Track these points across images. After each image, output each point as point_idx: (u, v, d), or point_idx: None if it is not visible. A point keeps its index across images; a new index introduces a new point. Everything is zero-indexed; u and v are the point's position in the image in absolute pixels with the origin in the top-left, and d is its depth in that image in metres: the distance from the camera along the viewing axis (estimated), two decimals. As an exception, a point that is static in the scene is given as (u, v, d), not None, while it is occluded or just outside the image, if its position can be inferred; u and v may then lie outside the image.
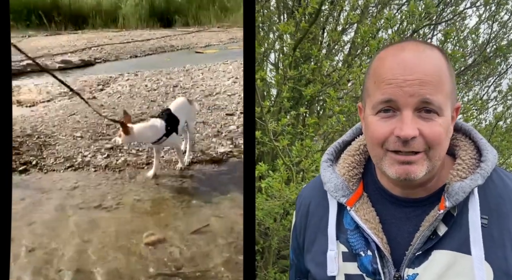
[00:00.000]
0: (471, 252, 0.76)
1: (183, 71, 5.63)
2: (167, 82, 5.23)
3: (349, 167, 0.91)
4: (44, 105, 4.50)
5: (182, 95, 4.78)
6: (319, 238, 0.91)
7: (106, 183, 3.35)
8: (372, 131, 0.81)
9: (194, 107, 3.70)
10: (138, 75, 5.54)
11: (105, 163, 3.56)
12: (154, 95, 4.85)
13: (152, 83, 5.22)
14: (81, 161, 3.57)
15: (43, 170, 3.44)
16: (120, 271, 2.42)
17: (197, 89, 4.91)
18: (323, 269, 0.87)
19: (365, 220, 0.84)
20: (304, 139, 2.24)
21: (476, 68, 2.88)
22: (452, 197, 0.78)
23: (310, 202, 0.96)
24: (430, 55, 0.79)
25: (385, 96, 0.78)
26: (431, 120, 0.77)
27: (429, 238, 0.80)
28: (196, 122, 4.09)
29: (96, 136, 3.94)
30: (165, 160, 3.60)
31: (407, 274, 0.80)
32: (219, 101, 4.55)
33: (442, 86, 0.78)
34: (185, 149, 3.59)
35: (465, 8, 2.78)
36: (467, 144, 0.86)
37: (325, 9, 2.65)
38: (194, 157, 3.60)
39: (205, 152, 3.66)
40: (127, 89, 5.02)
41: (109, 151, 3.73)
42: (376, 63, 0.83)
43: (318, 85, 2.37)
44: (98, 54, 6.18)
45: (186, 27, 7.77)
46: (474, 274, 0.75)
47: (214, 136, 3.91)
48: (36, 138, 3.84)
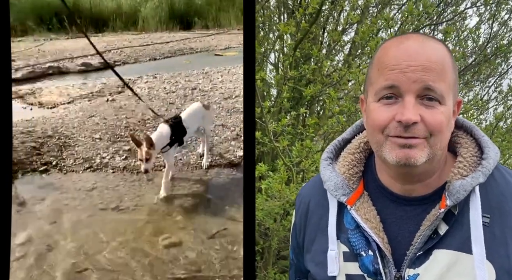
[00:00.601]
0: (472, 251, 0.75)
1: (202, 73, 5.62)
2: (186, 84, 5.23)
3: (349, 166, 0.89)
4: (65, 107, 4.54)
5: (201, 98, 4.76)
6: (319, 238, 0.90)
7: (124, 184, 3.35)
8: (374, 117, 0.80)
9: (211, 111, 3.66)
10: (157, 77, 5.57)
11: (123, 164, 3.56)
12: (173, 97, 4.85)
13: (170, 85, 5.23)
14: (100, 163, 3.58)
15: (63, 170, 3.46)
16: (137, 273, 2.40)
17: (216, 91, 4.88)
18: (323, 269, 0.86)
19: (365, 220, 0.83)
20: (304, 139, 2.23)
21: (476, 68, 2.85)
22: (453, 196, 0.76)
23: (309, 201, 0.95)
24: (434, 45, 0.79)
25: (388, 81, 0.77)
26: (433, 107, 0.76)
27: (430, 237, 0.78)
28: (214, 125, 4.06)
29: (115, 138, 3.95)
30: (182, 162, 3.57)
31: (408, 274, 0.79)
32: (239, 104, 4.51)
33: (445, 75, 0.77)
34: (203, 152, 3.57)
35: (465, 8, 2.76)
36: (468, 141, 0.85)
37: (326, 9, 2.65)
38: (213, 161, 3.56)
39: (223, 155, 3.62)
40: (146, 92, 5.03)
41: (127, 153, 3.73)
42: (381, 52, 0.83)
43: (318, 85, 2.36)
44: (117, 56, 6.24)
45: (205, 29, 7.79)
46: (476, 274, 0.74)
47: (233, 139, 3.87)
48: (56, 139, 3.87)
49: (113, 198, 3.15)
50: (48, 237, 2.66)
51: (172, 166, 3.23)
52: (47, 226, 2.80)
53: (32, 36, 6.80)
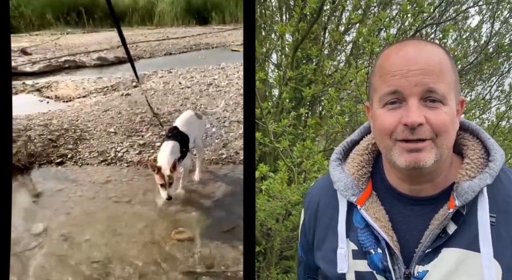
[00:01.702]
0: (480, 250, 0.77)
1: (218, 69, 5.59)
2: (201, 80, 5.21)
3: (358, 167, 0.92)
4: (80, 100, 4.57)
5: (216, 93, 4.73)
6: (329, 236, 0.92)
7: (138, 178, 3.34)
8: (380, 123, 0.82)
9: (203, 121, 3.42)
10: (172, 72, 5.56)
11: (137, 158, 3.54)
12: (188, 92, 4.83)
13: (186, 80, 5.21)
14: (114, 156, 3.58)
15: (78, 163, 3.47)
16: (149, 266, 2.40)
17: (232, 87, 4.85)
18: (334, 267, 0.88)
19: (375, 219, 0.85)
20: (305, 140, 2.22)
21: (478, 68, 2.83)
22: (462, 196, 0.79)
23: (319, 201, 0.97)
24: (431, 49, 0.83)
25: (390, 87, 0.80)
26: (436, 108, 0.79)
27: (439, 236, 0.81)
28: (230, 121, 4.03)
29: (129, 132, 3.95)
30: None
31: (417, 271, 0.81)
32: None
33: (444, 76, 0.80)
34: (195, 164, 3.31)
35: (467, 7, 2.74)
36: (475, 143, 0.87)
37: (327, 9, 2.62)
38: (228, 156, 3.52)
39: (238, 152, 3.58)
40: (161, 86, 5.02)
41: (142, 147, 3.72)
42: (381, 60, 0.86)
43: (319, 85, 2.35)
44: (133, 51, 6.25)
45: (222, 24, 7.76)
46: (483, 272, 0.76)
47: (248, 135, 3.83)
48: (72, 132, 3.89)
49: (127, 192, 3.14)
50: (63, 228, 2.67)
51: (187, 174, 3.09)
52: (62, 217, 2.80)
53: (49, 30, 6.87)
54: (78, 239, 2.60)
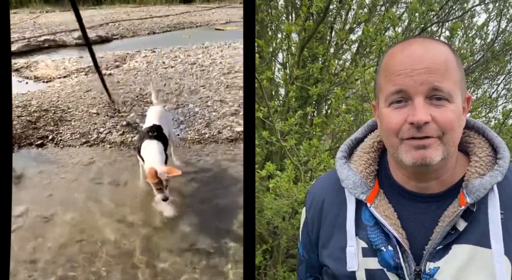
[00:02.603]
0: (490, 245, 0.78)
1: (202, 48, 5.52)
2: (185, 59, 5.14)
3: (366, 164, 0.92)
4: (61, 81, 4.47)
5: (200, 73, 4.68)
6: (336, 235, 0.92)
7: (122, 159, 3.33)
8: (387, 122, 0.82)
9: (169, 114, 3.41)
10: (155, 52, 5.47)
11: (120, 139, 3.52)
12: (171, 72, 4.77)
13: (169, 60, 5.14)
14: (97, 137, 3.54)
15: (59, 145, 3.43)
16: (133, 246, 2.42)
17: (216, 67, 4.80)
18: (342, 265, 0.88)
19: (385, 216, 0.85)
20: (311, 138, 2.23)
21: (485, 66, 2.83)
22: (473, 194, 0.79)
23: (323, 199, 0.96)
24: (436, 47, 0.82)
25: (396, 86, 0.80)
26: (442, 106, 0.78)
27: (449, 233, 0.81)
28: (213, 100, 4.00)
29: (112, 113, 3.90)
30: (180, 137, 3.53)
31: (429, 267, 0.81)
32: (238, 79, 4.44)
33: (450, 74, 0.80)
34: (170, 153, 3.20)
35: (473, 6, 2.74)
36: (481, 141, 0.87)
37: (333, 8, 2.61)
38: (210, 135, 3.52)
39: (221, 131, 3.57)
40: (144, 66, 4.95)
41: (125, 128, 3.69)
42: (386, 59, 0.86)
43: (326, 84, 2.35)
44: (115, 30, 6.12)
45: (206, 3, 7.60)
46: (495, 268, 0.77)
47: (232, 114, 3.82)
48: (52, 113, 3.83)
49: (110, 173, 3.13)
50: (44, 210, 2.66)
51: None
52: (43, 199, 2.79)
53: (28, 8, 6.65)
54: (60, 220, 2.60)
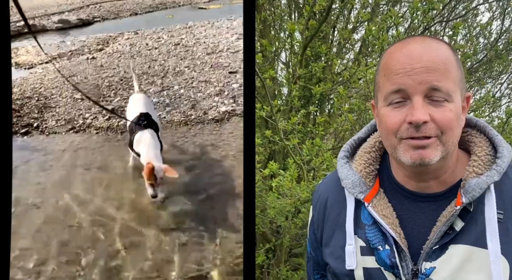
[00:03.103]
0: (487, 246, 0.77)
1: (186, 28, 5.43)
2: (168, 40, 5.06)
3: (366, 164, 0.92)
4: (43, 66, 4.40)
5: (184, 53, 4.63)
6: (337, 233, 0.93)
7: (109, 145, 3.33)
8: (385, 121, 0.82)
9: (151, 100, 3.32)
10: (138, 33, 5.37)
11: (106, 125, 3.51)
12: (155, 54, 4.71)
13: (153, 41, 5.06)
14: (83, 123, 3.52)
15: (45, 132, 3.41)
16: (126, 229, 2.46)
17: (200, 46, 4.75)
18: (342, 263, 0.89)
19: (382, 216, 0.86)
20: (314, 137, 2.23)
21: (488, 65, 2.83)
22: (469, 193, 0.79)
23: (327, 198, 0.98)
24: (435, 46, 0.82)
25: (395, 86, 0.80)
26: (441, 106, 0.78)
27: (446, 233, 0.81)
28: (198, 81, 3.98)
29: (97, 97, 3.87)
30: (166, 120, 3.53)
31: (425, 267, 0.82)
32: (222, 59, 4.41)
33: (449, 73, 0.79)
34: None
35: (477, 5, 2.72)
36: (482, 140, 0.87)
37: (336, 8, 2.60)
38: (196, 116, 3.53)
39: (207, 111, 3.58)
40: (127, 48, 4.87)
41: (110, 113, 3.67)
42: (385, 58, 0.85)
43: (328, 84, 2.33)
44: (96, 12, 5.98)
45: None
46: (491, 268, 0.76)
47: (216, 95, 3.81)
48: (36, 101, 3.78)
49: (98, 158, 3.14)
50: (34, 198, 2.68)
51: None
52: (32, 187, 2.80)
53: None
54: (51, 207, 2.62)
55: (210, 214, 2.57)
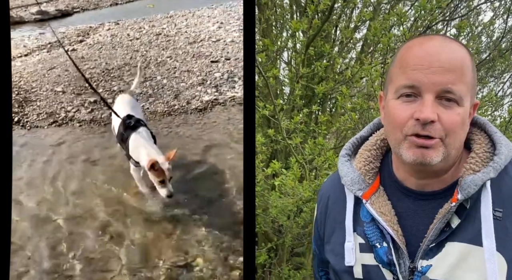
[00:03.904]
0: (483, 244, 0.77)
1: (167, 17, 5.38)
2: (150, 30, 5.02)
3: (366, 162, 0.92)
4: (22, 60, 4.33)
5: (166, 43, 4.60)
6: (337, 230, 0.93)
7: (93, 137, 3.32)
8: (393, 114, 0.82)
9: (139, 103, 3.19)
10: (119, 24, 5.30)
11: (89, 117, 3.50)
12: (137, 44, 4.67)
13: (134, 31, 5.01)
14: (65, 116, 3.50)
15: (26, 126, 3.38)
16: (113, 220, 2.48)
17: (181, 36, 4.72)
18: (341, 260, 0.90)
19: (380, 213, 0.86)
20: (317, 137, 2.25)
21: (491, 64, 2.83)
22: (464, 190, 0.79)
23: (329, 196, 0.99)
24: (455, 48, 0.81)
25: (409, 81, 0.79)
26: (450, 108, 0.78)
27: (443, 230, 0.81)
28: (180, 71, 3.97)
29: (79, 90, 3.84)
30: (150, 111, 3.54)
31: (421, 265, 0.82)
32: (204, 48, 4.39)
33: (464, 77, 0.79)
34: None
35: (479, 4, 2.71)
36: (481, 137, 0.86)
37: (338, 7, 2.60)
38: (180, 106, 3.54)
39: (190, 101, 3.59)
40: (108, 39, 4.82)
41: (93, 105, 3.65)
42: (403, 51, 0.85)
43: (331, 83, 2.33)
44: (75, 3, 5.87)
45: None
46: (486, 266, 0.76)
47: (199, 84, 3.82)
48: (16, 94, 3.73)
49: (82, 151, 3.13)
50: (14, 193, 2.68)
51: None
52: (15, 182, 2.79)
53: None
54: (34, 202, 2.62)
55: (195, 201, 2.61)
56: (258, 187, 2.13)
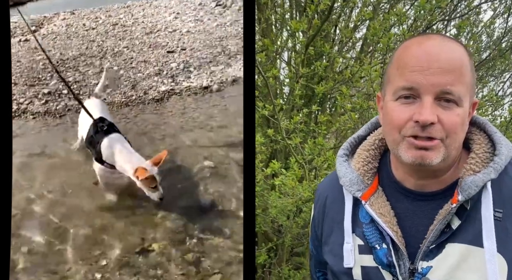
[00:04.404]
0: (483, 245, 0.77)
1: (124, 7, 5.30)
2: (106, 20, 4.93)
3: (364, 162, 0.91)
4: (-31, 50, 4.18)
5: (123, 33, 4.56)
6: (335, 231, 0.93)
7: (48, 129, 3.28)
8: (392, 116, 0.81)
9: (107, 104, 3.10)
10: (75, 13, 5.17)
11: (43, 109, 3.45)
12: (93, 34, 4.59)
13: (90, 21, 4.91)
14: (17, 109, 3.44)
15: (-24, 120, 3.30)
16: (73, 209, 2.48)
17: (138, 26, 4.67)
18: (340, 261, 0.89)
19: (379, 214, 0.85)
20: (316, 136, 2.24)
21: (491, 63, 2.83)
22: (465, 191, 0.78)
23: (327, 196, 0.98)
24: (454, 47, 0.80)
25: (407, 83, 0.79)
26: (450, 109, 0.78)
27: (443, 232, 0.81)
28: (137, 61, 3.97)
29: (32, 81, 3.76)
30: (107, 102, 3.53)
31: (421, 266, 0.81)
32: (161, 39, 4.38)
33: (463, 78, 0.78)
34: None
35: (480, 3, 2.72)
36: (481, 137, 0.86)
37: (338, 6, 2.59)
38: (137, 97, 3.55)
39: (147, 91, 3.60)
40: (64, 30, 4.70)
41: (47, 96, 3.59)
42: (401, 51, 0.84)
43: (330, 82, 2.33)
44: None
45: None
46: (486, 267, 0.76)
47: (156, 75, 3.83)
48: (-35, 87, 3.62)
49: (37, 145, 3.09)
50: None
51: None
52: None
53: None
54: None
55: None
56: (257, 187, 2.11)
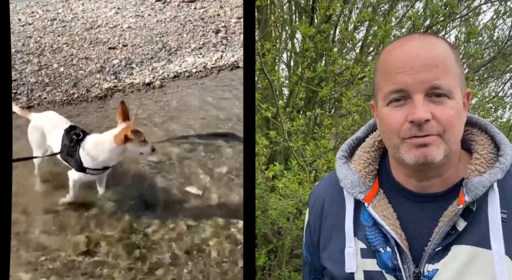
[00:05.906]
0: (491, 246, 0.76)
1: (62, 2, 5.15)
2: (44, 15, 4.79)
3: (365, 164, 0.91)
4: None
5: (62, 29, 4.47)
6: (335, 236, 0.91)
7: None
8: (386, 122, 0.82)
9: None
10: (10, 8, 4.98)
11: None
12: (30, 30, 4.45)
13: (26, 16, 4.74)
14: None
15: None
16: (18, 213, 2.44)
17: (78, 22, 4.57)
18: (341, 266, 0.87)
19: (383, 217, 0.84)
20: (317, 139, 2.24)
21: (492, 64, 2.82)
22: (472, 192, 0.78)
23: (324, 200, 0.96)
24: (435, 42, 0.82)
25: (395, 85, 0.79)
26: (442, 103, 0.78)
27: (448, 234, 0.80)
28: (78, 58, 3.93)
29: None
30: (47, 101, 3.49)
31: (427, 269, 0.80)
32: (101, 35, 4.34)
33: (449, 70, 0.79)
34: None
35: (480, 4, 2.72)
36: (484, 138, 0.86)
37: (337, 7, 2.60)
38: (79, 95, 3.54)
39: (89, 89, 3.60)
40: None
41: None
42: (384, 56, 0.85)
43: (330, 84, 2.34)
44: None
45: None
46: (495, 269, 0.75)
47: (98, 72, 3.82)
48: None
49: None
50: None
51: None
52: None
53: None
54: None
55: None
56: (258, 190, 2.10)
